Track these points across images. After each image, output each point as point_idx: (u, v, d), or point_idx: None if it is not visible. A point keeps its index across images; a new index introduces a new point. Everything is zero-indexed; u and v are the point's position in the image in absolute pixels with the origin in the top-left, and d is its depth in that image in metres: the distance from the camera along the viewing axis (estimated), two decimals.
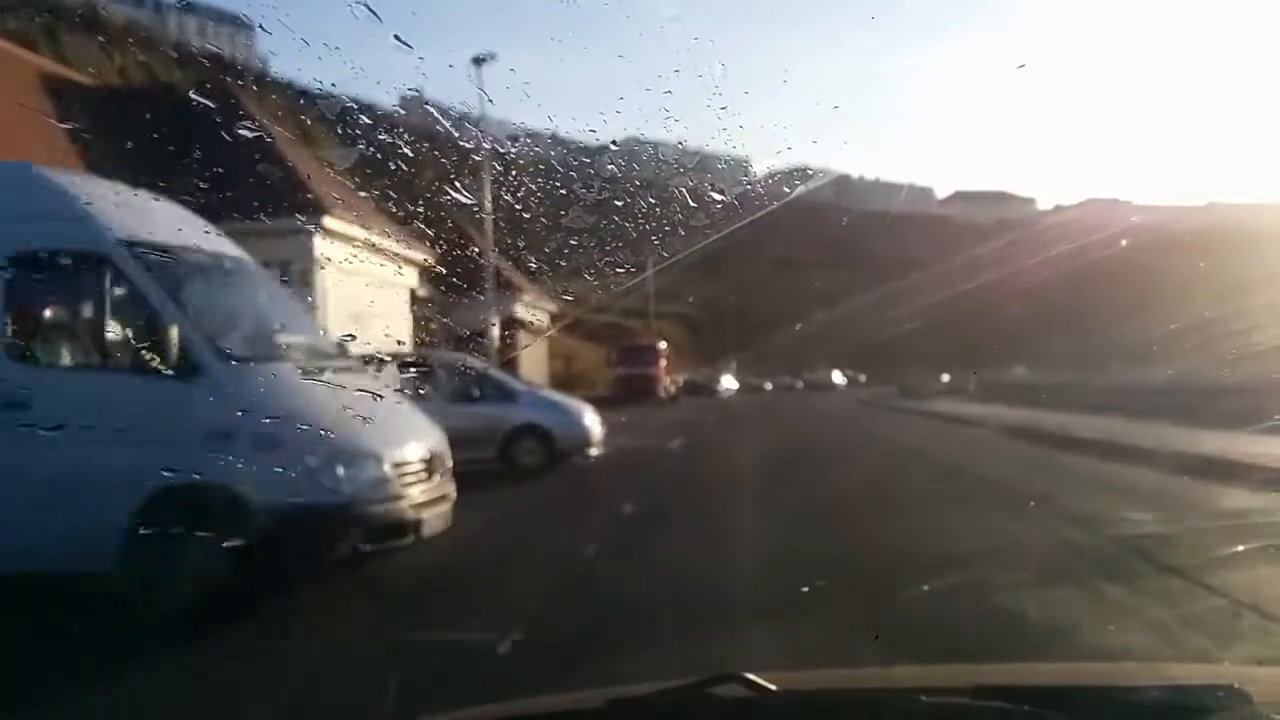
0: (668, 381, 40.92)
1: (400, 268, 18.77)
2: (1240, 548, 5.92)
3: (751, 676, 1.39)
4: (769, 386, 58.65)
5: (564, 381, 32.35)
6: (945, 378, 35.77)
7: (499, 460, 11.95)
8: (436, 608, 5.39)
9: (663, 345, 41.71)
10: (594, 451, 12.76)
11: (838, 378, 62.65)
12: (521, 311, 27.29)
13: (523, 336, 26.60)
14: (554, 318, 30.04)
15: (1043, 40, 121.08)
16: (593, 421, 12.83)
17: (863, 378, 61.45)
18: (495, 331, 19.86)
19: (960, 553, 6.12)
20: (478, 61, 18.70)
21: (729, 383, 52.20)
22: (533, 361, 28.09)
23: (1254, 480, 9.01)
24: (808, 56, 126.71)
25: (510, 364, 21.73)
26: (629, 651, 4.18)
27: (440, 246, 17.17)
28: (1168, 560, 6.07)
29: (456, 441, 10.83)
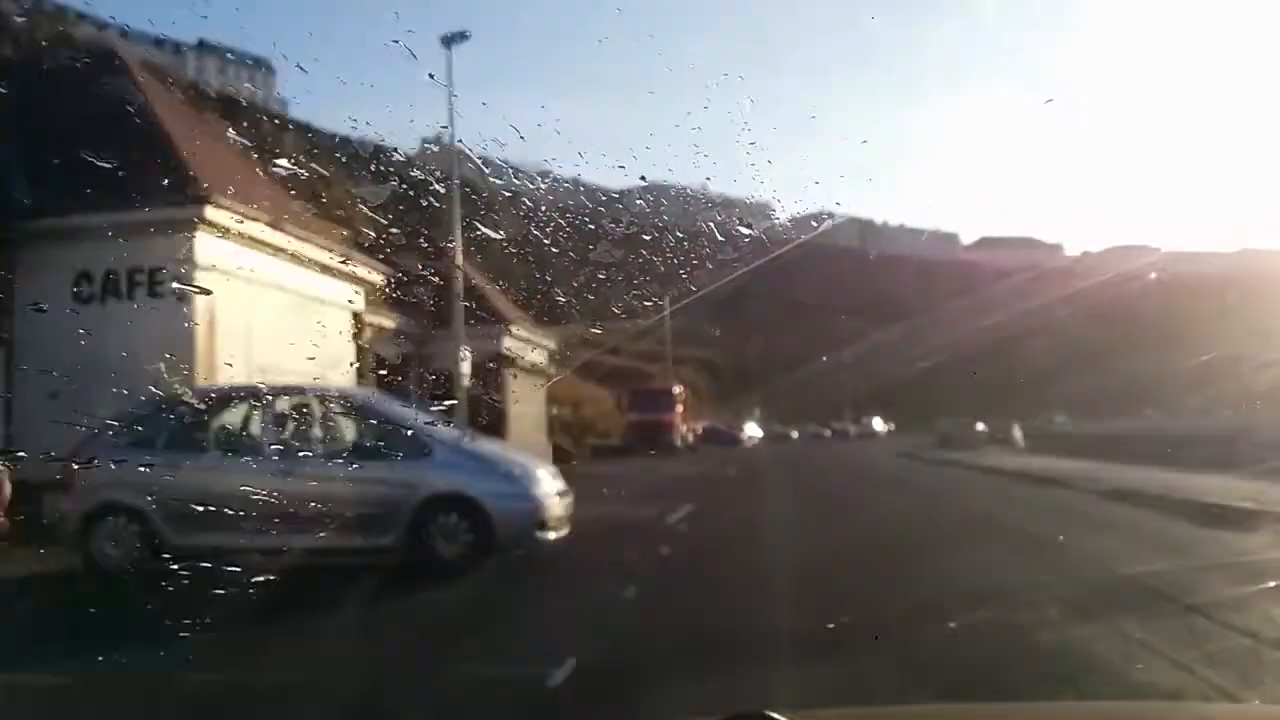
0: (685, 429, 38.26)
1: (354, 288, 15.38)
2: (1272, 583, 5.74)
3: (775, 715, 1.40)
4: (795, 435, 57.69)
5: (569, 429, 29.97)
6: (980, 426, 35.11)
7: (406, 549, 7.85)
8: None
9: (678, 389, 38.69)
10: (552, 535, 8.30)
11: (879, 425, 61.62)
12: (511, 348, 22.86)
13: (514, 376, 22.53)
14: (554, 355, 26.94)
15: (1071, 85, 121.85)
16: (550, 490, 8.50)
17: (892, 426, 60.76)
18: (466, 368, 17.12)
19: None
20: (447, 42, 17.45)
21: (753, 431, 50.66)
22: (527, 407, 23.99)
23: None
24: (834, 98, 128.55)
25: (496, 411, 19.08)
26: None
27: (400, 266, 15.19)
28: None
29: (339, 521, 7.21)
